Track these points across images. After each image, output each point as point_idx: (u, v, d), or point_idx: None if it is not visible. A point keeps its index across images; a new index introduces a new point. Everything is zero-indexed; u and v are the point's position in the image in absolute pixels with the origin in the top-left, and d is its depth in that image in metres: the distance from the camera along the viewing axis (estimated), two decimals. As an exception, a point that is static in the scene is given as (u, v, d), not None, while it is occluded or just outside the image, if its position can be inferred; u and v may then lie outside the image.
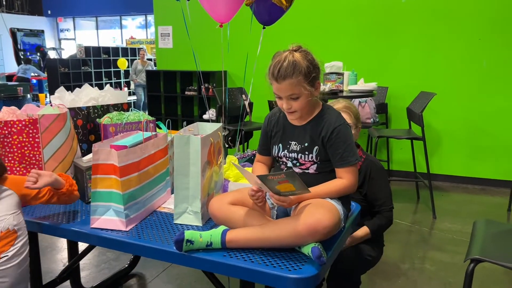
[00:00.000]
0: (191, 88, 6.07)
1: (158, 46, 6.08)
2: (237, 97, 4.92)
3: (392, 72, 4.71)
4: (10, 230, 1.51)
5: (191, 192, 1.58)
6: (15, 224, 1.52)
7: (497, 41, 4.29)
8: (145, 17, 15.64)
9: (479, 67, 4.39)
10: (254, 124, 4.70)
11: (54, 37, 17.34)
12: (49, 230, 1.64)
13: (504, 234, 1.71)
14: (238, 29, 4.29)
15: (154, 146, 1.72)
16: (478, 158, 4.51)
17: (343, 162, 1.50)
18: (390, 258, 2.86)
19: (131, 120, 2.14)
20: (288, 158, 1.58)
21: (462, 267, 2.74)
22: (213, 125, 1.79)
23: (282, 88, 1.48)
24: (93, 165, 1.53)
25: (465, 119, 4.50)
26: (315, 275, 1.25)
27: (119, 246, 1.52)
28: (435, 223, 3.54)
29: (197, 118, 6.01)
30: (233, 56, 5.27)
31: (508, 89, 4.30)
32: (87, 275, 2.69)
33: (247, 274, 1.30)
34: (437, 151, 4.64)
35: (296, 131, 1.58)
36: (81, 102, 2.24)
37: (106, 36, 16.70)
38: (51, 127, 1.81)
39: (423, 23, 4.54)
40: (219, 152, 1.74)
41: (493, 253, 1.51)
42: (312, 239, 1.31)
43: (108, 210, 1.56)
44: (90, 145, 2.18)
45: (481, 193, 4.34)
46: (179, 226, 1.59)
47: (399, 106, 4.63)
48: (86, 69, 11.99)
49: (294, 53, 1.48)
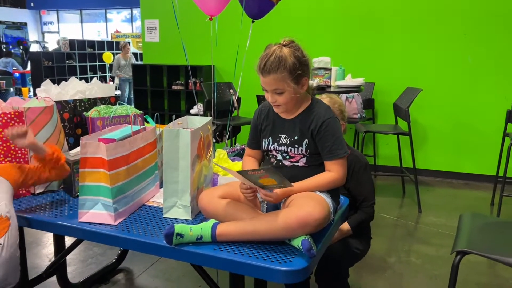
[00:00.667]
0: (178, 83, 6.02)
1: (144, 39, 6.02)
2: (225, 91, 4.91)
3: (379, 68, 4.74)
4: (3, 217, 1.47)
5: (180, 186, 1.57)
6: (7, 211, 1.49)
7: (482, 37, 4.35)
8: (131, 10, 15.45)
9: (465, 63, 4.45)
10: (242, 119, 4.70)
11: (38, 30, 17.03)
12: (36, 224, 1.62)
13: (490, 227, 1.74)
14: (225, 23, 4.28)
15: (143, 139, 1.71)
16: (463, 153, 4.58)
17: (331, 155, 1.51)
18: (377, 251, 2.89)
19: (118, 114, 2.12)
20: (278, 152, 1.58)
21: (447, 260, 2.80)
22: (202, 118, 1.79)
23: (267, 82, 1.49)
24: (81, 158, 1.52)
25: (450, 114, 4.57)
26: (305, 268, 1.26)
27: (108, 240, 1.50)
28: (421, 217, 3.59)
29: (184, 112, 5.97)
30: (221, 50, 5.25)
31: (492, 84, 4.37)
32: (73, 270, 2.66)
33: (237, 267, 1.30)
34: (422, 146, 4.70)
35: (285, 124, 1.58)
36: (67, 95, 2.20)
37: (91, 30, 16.47)
38: (37, 120, 1.78)
39: (409, 19, 4.58)
40: (208, 146, 1.73)
41: (479, 245, 1.54)
42: (302, 232, 1.32)
43: (96, 204, 1.55)
44: (77, 139, 2.16)
45: (465, 187, 4.41)
46: (168, 220, 1.58)
47: (385, 102, 4.67)
48: (70, 63, 11.82)
49: (283, 48, 1.48)
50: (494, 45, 4.32)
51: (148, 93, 6.22)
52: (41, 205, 1.72)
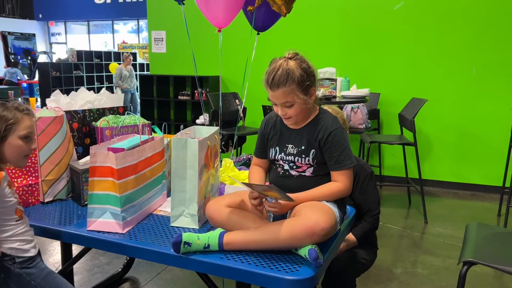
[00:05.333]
0: (184, 93, 6.07)
1: (151, 50, 6.08)
2: (231, 102, 4.94)
3: (384, 79, 4.76)
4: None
5: (188, 195, 1.59)
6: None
7: (486, 49, 4.37)
8: (137, 22, 15.60)
9: (469, 74, 4.46)
10: (248, 129, 4.72)
11: (45, 41, 17.22)
12: (44, 233, 1.64)
13: (497, 237, 1.74)
14: (232, 34, 4.32)
15: (151, 149, 1.73)
16: (469, 163, 4.57)
17: (338, 165, 1.52)
18: (383, 262, 2.88)
19: (127, 124, 2.15)
20: (285, 161, 1.60)
21: (453, 271, 2.78)
22: (209, 128, 1.81)
23: (276, 96, 1.50)
24: (90, 167, 1.54)
25: (455, 125, 4.56)
26: (312, 277, 1.27)
27: (116, 249, 1.52)
28: (427, 227, 3.57)
29: (190, 122, 6.01)
30: (227, 61, 5.30)
31: (497, 95, 4.38)
32: (80, 279, 2.67)
33: (244, 276, 1.31)
34: (428, 157, 4.70)
35: (292, 134, 1.60)
36: (77, 105, 2.24)
37: (98, 41, 16.63)
38: (47, 129, 1.81)
39: (414, 31, 4.61)
40: (215, 155, 1.75)
41: (486, 255, 1.54)
42: (309, 241, 1.32)
43: (105, 213, 1.56)
44: (86, 148, 2.18)
45: (471, 198, 4.39)
46: (175, 228, 1.60)
47: (391, 112, 4.68)
48: (78, 73, 11.93)
49: (289, 61, 1.49)
50: (498, 56, 4.33)
51: (155, 103, 6.28)
52: (50, 213, 1.74)
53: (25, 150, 1.53)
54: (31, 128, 1.54)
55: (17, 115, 1.50)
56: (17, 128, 1.49)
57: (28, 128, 1.52)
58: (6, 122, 1.47)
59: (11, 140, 1.49)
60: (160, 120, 6.16)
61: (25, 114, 1.52)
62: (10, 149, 1.49)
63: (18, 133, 1.49)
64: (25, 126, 1.51)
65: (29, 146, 1.53)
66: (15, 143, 1.49)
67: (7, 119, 1.47)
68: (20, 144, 1.50)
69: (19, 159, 1.53)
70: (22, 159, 1.55)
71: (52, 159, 1.83)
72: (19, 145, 1.50)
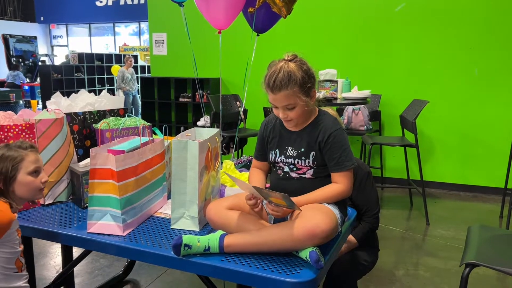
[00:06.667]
0: (185, 95, 6.08)
1: (152, 52, 6.09)
2: (232, 103, 4.94)
3: (385, 80, 4.75)
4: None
5: (188, 197, 1.58)
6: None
7: (488, 50, 4.36)
8: (138, 24, 15.64)
9: (471, 76, 4.45)
10: (249, 130, 4.72)
11: (47, 44, 17.27)
12: (45, 235, 1.63)
13: (499, 239, 1.73)
14: (231, 36, 4.32)
15: (151, 151, 1.72)
16: (470, 165, 4.56)
17: (339, 167, 1.52)
18: (385, 264, 2.87)
19: (127, 126, 2.14)
20: (285, 163, 1.59)
21: (456, 273, 2.77)
22: (210, 130, 1.80)
23: (278, 99, 1.49)
24: (90, 169, 1.53)
25: (457, 126, 4.55)
26: (313, 279, 1.26)
27: (116, 251, 1.51)
28: (429, 229, 3.56)
29: (191, 124, 6.01)
30: (227, 63, 5.30)
31: (499, 97, 4.36)
32: (80, 282, 2.66)
33: (245, 279, 1.30)
34: (429, 158, 4.68)
35: (292, 136, 1.59)
36: (77, 108, 2.23)
37: (99, 43, 16.67)
38: (48, 132, 1.80)
39: (415, 32, 4.60)
40: (216, 157, 1.74)
41: (488, 257, 1.53)
42: (310, 244, 1.32)
43: (105, 215, 1.56)
44: (86, 151, 2.18)
45: (473, 200, 4.38)
46: (176, 231, 1.59)
47: (392, 114, 4.67)
48: (79, 76, 11.95)
49: (289, 64, 1.48)
50: (500, 57, 4.32)
51: (156, 106, 6.28)
52: (50, 216, 1.74)
53: (37, 185, 1.55)
54: (38, 162, 1.56)
55: (21, 152, 1.52)
56: (23, 165, 1.51)
57: (35, 162, 1.54)
58: (12, 161, 1.49)
59: (21, 179, 1.51)
60: (161, 122, 6.17)
61: (30, 151, 1.54)
62: (22, 188, 1.52)
63: (26, 170, 1.51)
64: (32, 161, 1.53)
65: (39, 179, 1.55)
66: (25, 180, 1.51)
67: (13, 158, 1.50)
68: (30, 180, 1.52)
69: (33, 193, 1.56)
70: (38, 193, 1.57)
71: (53, 161, 1.83)
72: (29, 181, 1.52)
